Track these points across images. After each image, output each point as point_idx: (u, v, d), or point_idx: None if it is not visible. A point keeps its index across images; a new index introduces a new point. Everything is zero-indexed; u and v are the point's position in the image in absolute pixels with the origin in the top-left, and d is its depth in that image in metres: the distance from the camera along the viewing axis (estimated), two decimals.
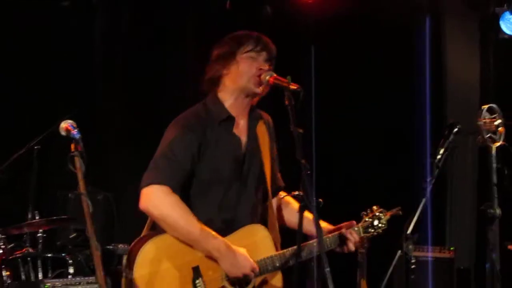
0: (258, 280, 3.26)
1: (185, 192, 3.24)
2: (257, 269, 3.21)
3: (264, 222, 3.40)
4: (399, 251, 3.49)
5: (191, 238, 3.16)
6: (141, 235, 3.27)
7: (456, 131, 3.72)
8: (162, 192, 3.14)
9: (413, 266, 3.58)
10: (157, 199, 3.15)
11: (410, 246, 3.51)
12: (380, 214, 3.54)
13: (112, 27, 6.96)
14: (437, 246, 6.01)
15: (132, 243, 3.20)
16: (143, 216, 3.46)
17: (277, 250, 3.32)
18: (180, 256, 3.18)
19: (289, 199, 3.54)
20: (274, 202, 3.48)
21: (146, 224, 3.34)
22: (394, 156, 6.45)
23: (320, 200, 3.30)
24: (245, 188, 3.34)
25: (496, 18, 6.38)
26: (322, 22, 6.71)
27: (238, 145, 3.35)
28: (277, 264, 3.27)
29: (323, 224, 3.51)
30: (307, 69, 6.51)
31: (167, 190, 3.14)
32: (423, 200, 3.55)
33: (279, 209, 3.54)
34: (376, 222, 3.52)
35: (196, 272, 3.18)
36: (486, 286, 3.97)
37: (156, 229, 3.27)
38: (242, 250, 3.19)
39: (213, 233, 3.17)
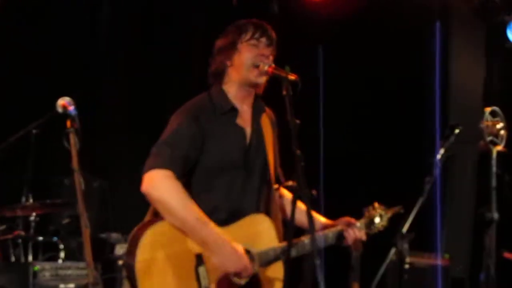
0: (260, 270, 3.22)
1: (191, 183, 3.22)
2: (250, 271, 3.16)
3: (267, 213, 3.37)
4: (394, 249, 3.44)
5: (186, 225, 3.10)
6: (144, 220, 3.21)
7: (457, 133, 3.68)
8: (163, 175, 3.10)
9: (407, 266, 3.52)
10: (158, 182, 3.10)
11: (405, 245, 3.46)
12: (382, 212, 3.52)
13: (117, 16, 6.95)
14: (431, 253, 5.97)
15: (135, 228, 3.13)
16: (137, 205, 3.43)
17: (279, 241, 3.29)
18: (183, 243, 3.12)
19: (283, 191, 3.54)
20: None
21: (149, 210, 3.28)
22: (400, 155, 6.44)
23: (314, 191, 3.28)
24: (251, 179, 3.33)
25: (503, 27, 6.35)
26: (331, 22, 6.69)
27: (243, 136, 3.34)
28: (280, 255, 3.24)
29: (320, 219, 3.51)
30: (315, 70, 6.50)
31: (170, 174, 3.10)
32: (420, 199, 3.51)
33: (280, 201, 3.51)
34: (377, 220, 3.50)
35: (199, 260, 3.13)
36: None
37: (159, 215, 3.21)
38: (239, 247, 3.14)
39: (212, 223, 3.12)
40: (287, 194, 3.52)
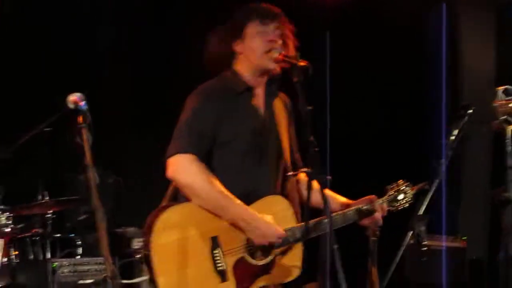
0: (278, 251, 3.25)
1: (207, 162, 3.23)
2: (283, 235, 3.20)
3: (284, 195, 3.38)
4: (411, 232, 3.42)
5: (216, 205, 3.15)
6: (158, 207, 3.24)
7: (471, 112, 3.65)
8: (188, 160, 3.15)
9: (424, 248, 3.51)
10: (183, 167, 3.15)
11: (423, 227, 3.44)
12: (406, 188, 3.54)
13: (121, 9, 6.94)
14: (449, 236, 5.96)
15: (150, 215, 3.16)
16: (152, 199, 3.43)
17: (297, 222, 3.30)
18: (199, 226, 3.14)
19: (302, 176, 3.50)
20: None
21: (166, 195, 3.32)
22: (409, 138, 6.42)
23: (329, 177, 3.27)
24: (265, 160, 3.33)
25: None
26: (338, 8, 6.65)
27: (257, 117, 3.35)
28: (298, 236, 3.25)
29: (342, 200, 3.52)
30: (322, 56, 6.47)
31: (193, 158, 3.15)
32: (436, 181, 3.48)
33: (297, 186, 3.51)
34: (401, 196, 3.52)
35: (215, 242, 3.15)
36: (500, 274, 3.90)
37: (177, 201, 3.26)
38: (267, 218, 3.18)
39: (239, 201, 3.16)
40: (305, 180, 3.50)
